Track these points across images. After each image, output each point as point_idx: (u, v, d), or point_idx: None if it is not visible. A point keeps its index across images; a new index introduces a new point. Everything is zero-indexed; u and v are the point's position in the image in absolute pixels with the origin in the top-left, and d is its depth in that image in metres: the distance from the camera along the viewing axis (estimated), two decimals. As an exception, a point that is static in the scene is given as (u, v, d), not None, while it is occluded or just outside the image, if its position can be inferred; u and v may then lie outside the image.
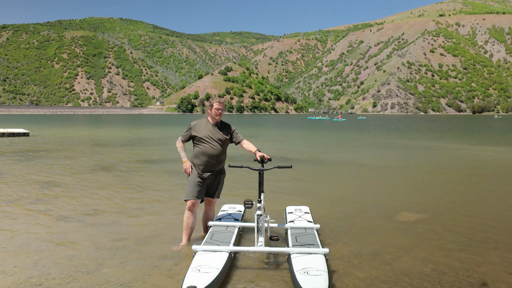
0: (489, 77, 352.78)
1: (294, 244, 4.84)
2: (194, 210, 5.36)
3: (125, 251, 5.12)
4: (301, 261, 4.30)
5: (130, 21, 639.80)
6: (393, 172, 12.57)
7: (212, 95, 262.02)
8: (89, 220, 6.59)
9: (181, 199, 7.18)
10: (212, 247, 4.61)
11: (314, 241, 4.91)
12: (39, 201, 7.84)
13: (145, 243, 5.45)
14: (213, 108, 5.40)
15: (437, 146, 22.52)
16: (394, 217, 6.88)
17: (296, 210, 6.39)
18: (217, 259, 4.33)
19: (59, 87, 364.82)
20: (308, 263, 4.24)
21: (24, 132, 27.60)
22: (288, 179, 10.85)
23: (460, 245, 5.46)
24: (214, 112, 5.40)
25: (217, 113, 5.40)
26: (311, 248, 4.59)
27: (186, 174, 5.41)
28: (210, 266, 4.12)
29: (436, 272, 4.53)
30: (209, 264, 4.17)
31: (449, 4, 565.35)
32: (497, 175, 12.06)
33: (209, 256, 4.39)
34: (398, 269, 4.59)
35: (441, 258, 4.94)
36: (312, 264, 4.20)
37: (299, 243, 4.85)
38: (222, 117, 5.49)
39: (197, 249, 4.56)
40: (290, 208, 6.53)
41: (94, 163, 13.90)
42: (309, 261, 4.29)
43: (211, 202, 5.70)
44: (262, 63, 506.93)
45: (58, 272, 4.43)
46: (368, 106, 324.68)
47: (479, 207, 7.75)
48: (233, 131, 5.58)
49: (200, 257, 4.38)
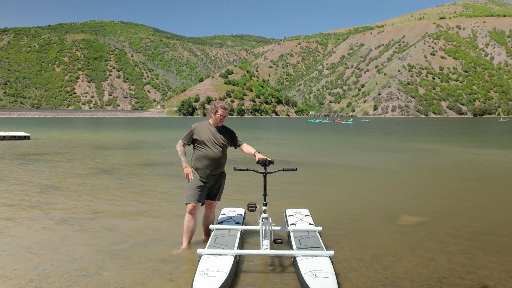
0: (490, 80, 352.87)
1: (298, 247, 4.84)
2: (195, 213, 5.36)
3: (125, 254, 5.13)
4: (308, 263, 4.31)
5: (131, 24, 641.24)
6: (393, 175, 12.54)
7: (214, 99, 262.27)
8: (90, 223, 6.59)
9: (181, 202, 7.19)
10: (217, 250, 4.60)
11: (318, 244, 4.92)
12: (40, 205, 7.85)
13: (145, 246, 5.45)
14: (218, 114, 5.39)
15: (439, 149, 22.47)
16: (395, 221, 6.87)
17: (296, 213, 6.38)
18: (223, 262, 4.32)
19: (60, 90, 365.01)
20: (315, 265, 4.25)
21: (25, 135, 27.63)
22: (288, 182, 10.84)
23: (461, 248, 5.45)
24: (218, 117, 5.39)
25: (221, 119, 5.42)
26: (317, 251, 4.60)
27: (186, 176, 5.43)
28: (218, 270, 4.12)
29: (437, 275, 4.53)
30: (217, 268, 4.17)
31: (450, 7, 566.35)
32: (499, 178, 12.02)
33: (216, 260, 4.38)
34: (399, 273, 4.59)
35: (442, 262, 4.93)
36: (319, 266, 4.22)
37: (303, 245, 4.86)
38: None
39: (203, 253, 4.54)
40: (290, 211, 6.53)
41: (94, 166, 13.90)
42: (315, 263, 4.30)
43: (212, 205, 5.70)
44: (263, 66, 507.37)
45: (58, 275, 4.44)
46: (369, 109, 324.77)
47: (480, 210, 7.73)
48: (233, 135, 5.61)
49: (206, 261, 4.37)
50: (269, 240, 4.88)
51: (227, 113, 5.45)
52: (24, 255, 5.06)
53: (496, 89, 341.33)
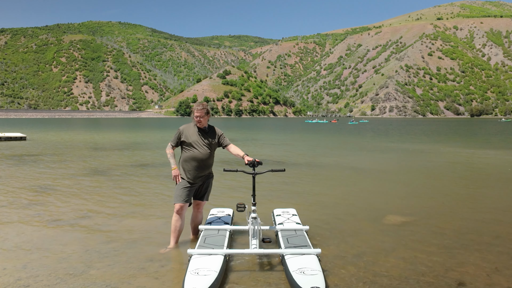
0: (487, 80, 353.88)
1: (286, 245, 4.95)
2: (182, 213, 5.44)
3: (114, 253, 5.22)
4: (296, 261, 4.44)
5: (128, 24, 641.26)
6: (384, 175, 12.64)
7: (211, 99, 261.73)
8: (80, 223, 6.68)
9: (171, 202, 7.25)
10: (207, 250, 4.70)
11: (305, 242, 5.04)
12: (32, 205, 7.93)
13: (134, 246, 5.54)
14: (194, 115, 5.49)
15: (431, 149, 22.59)
16: (381, 220, 6.97)
17: (284, 213, 6.49)
18: (213, 262, 4.43)
19: (58, 90, 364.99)
20: (302, 263, 4.38)
21: (21, 136, 27.64)
22: (277, 182, 10.92)
23: (442, 247, 5.54)
24: (195, 119, 5.49)
25: (198, 120, 5.48)
26: (304, 249, 4.73)
27: (174, 178, 5.51)
28: (208, 269, 4.22)
29: (416, 273, 4.64)
30: (207, 267, 4.27)
31: (447, 8, 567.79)
32: (488, 179, 12.16)
33: (206, 259, 4.48)
34: (379, 271, 4.69)
35: (423, 260, 5.05)
36: (307, 264, 4.35)
37: (291, 244, 4.97)
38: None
39: (193, 252, 4.64)
40: (277, 211, 6.63)
41: (89, 167, 13.98)
42: (303, 261, 4.43)
43: (200, 205, 5.79)
44: (261, 66, 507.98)
45: (46, 274, 4.53)
46: (366, 109, 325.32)
47: (466, 210, 7.86)
48: (220, 135, 5.68)
49: (196, 260, 4.47)
50: (258, 240, 4.98)
51: (204, 113, 5.47)
52: (14, 255, 5.15)
53: (493, 90, 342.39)
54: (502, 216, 7.30)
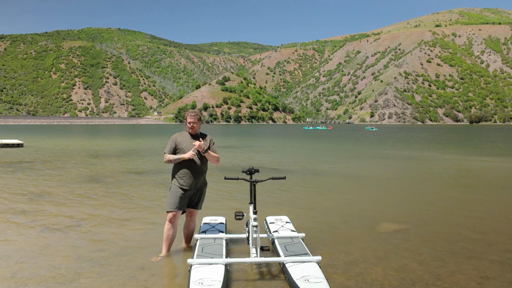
0: (486, 87, 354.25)
1: (285, 253, 4.92)
2: (175, 221, 5.44)
3: (105, 262, 5.20)
4: (298, 269, 4.41)
5: (128, 31, 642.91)
6: (380, 183, 12.63)
7: (211, 106, 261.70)
8: (72, 231, 6.66)
9: (163, 210, 7.22)
10: (208, 260, 4.63)
11: (304, 250, 5.02)
12: (25, 213, 7.90)
13: (125, 254, 5.52)
14: (187, 122, 5.55)
15: (429, 156, 22.60)
16: (375, 228, 6.96)
17: (277, 220, 6.46)
18: (215, 271, 4.36)
19: (57, 97, 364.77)
20: (305, 271, 4.35)
21: (18, 143, 27.57)
22: (269, 189, 10.86)
23: (434, 255, 5.53)
24: (188, 125, 5.55)
25: (191, 127, 5.53)
26: (305, 257, 4.70)
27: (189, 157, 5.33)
28: (212, 279, 4.16)
29: (406, 281, 4.62)
30: (210, 277, 4.20)
31: (445, 15, 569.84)
32: (483, 186, 12.15)
33: (207, 269, 4.41)
34: (370, 279, 4.69)
35: (413, 268, 5.03)
36: (310, 272, 4.33)
37: (290, 252, 4.95)
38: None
39: (193, 262, 4.56)
40: (270, 218, 6.60)
41: (85, 174, 13.96)
42: (305, 269, 4.41)
43: (193, 214, 5.78)
44: (260, 73, 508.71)
45: (35, 283, 4.50)
46: (365, 116, 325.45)
47: (460, 218, 7.84)
48: (210, 141, 5.69)
49: (198, 270, 4.39)
50: (258, 248, 4.95)
51: (197, 119, 5.54)
52: (4, 263, 5.12)
53: (492, 96, 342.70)
54: (494, 224, 7.29)
